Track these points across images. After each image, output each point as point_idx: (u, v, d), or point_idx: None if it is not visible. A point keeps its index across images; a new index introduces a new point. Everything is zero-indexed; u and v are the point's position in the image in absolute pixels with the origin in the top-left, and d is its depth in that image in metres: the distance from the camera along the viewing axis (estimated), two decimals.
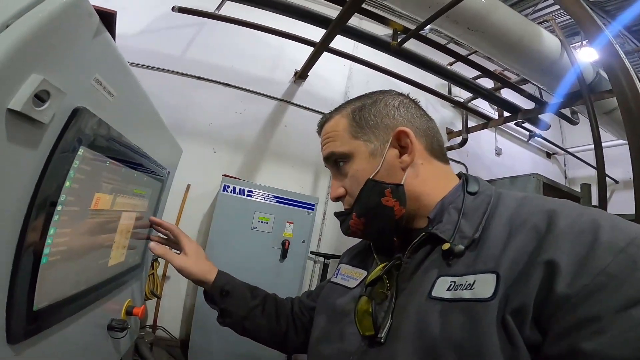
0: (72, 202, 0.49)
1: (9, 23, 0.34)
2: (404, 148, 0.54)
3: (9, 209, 0.38)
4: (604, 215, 0.38)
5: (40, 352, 0.48)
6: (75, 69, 0.43)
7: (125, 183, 0.68)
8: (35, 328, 0.46)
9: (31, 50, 0.36)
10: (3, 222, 0.38)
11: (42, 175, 0.42)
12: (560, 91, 2.57)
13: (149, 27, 2.94)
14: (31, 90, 0.36)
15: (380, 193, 0.52)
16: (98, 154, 0.53)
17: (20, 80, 0.36)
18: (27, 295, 0.42)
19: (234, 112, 3.04)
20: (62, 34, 0.39)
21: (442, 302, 0.41)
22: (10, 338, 0.41)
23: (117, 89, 0.53)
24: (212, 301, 0.75)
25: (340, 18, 2.20)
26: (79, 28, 0.42)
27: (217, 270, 0.76)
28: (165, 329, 2.59)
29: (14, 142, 0.37)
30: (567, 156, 4.85)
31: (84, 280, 0.59)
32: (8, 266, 0.39)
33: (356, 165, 0.55)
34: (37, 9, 0.36)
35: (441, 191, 0.54)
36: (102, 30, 0.45)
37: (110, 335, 0.76)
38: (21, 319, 0.42)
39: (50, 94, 0.39)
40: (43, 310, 0.46)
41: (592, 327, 0.31)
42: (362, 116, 0.56)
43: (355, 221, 0.55)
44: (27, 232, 0.40)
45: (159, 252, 0.73)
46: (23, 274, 0.41)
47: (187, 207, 2.74)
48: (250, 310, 0.74)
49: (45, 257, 0.45)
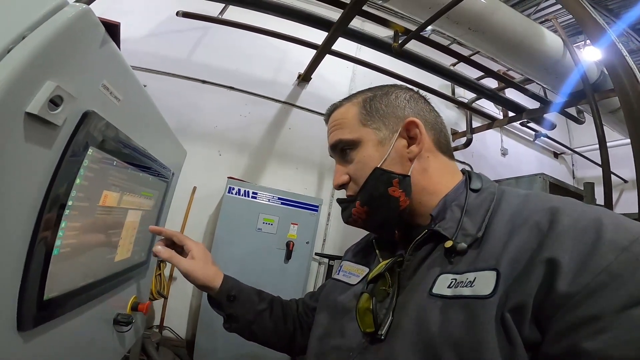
0: (82, 198, 0.53)
1: (24, 35, 0.38)
2: (412, 139, 0.54)
3: (25, 202, 0.42)
4: (607, 213, 0.38)
5: (47, 342, 0.51)
6: (84, 75, 0.47)
7: (131, 182, 0.72)
8: (45, 317, 0.49)
9: (45, 59, 0.39)
10: (20, 214, 0.41)
11: (56, 173, 0.46)
12: (564, 90, 2.56)
13: (155, 31, 3.01)
14: (47, 95, 0.40)
15: (388, 182, 0.52)
16: (106, 154, 0.57)
17: (37, 87, 0.40)
18: (39, 284, 0.46)
19: (239, 114, 3.08)
20: (72, 44, 0.43)
21: (442, 299, 0.41)
22: (20, 325, 0.44)
23: (123, 93, 0.57)
24: (218, 307, 0.73)
25: (342, 21, 2.22)
26: (87, 38, 0.46)
27: (222, 275, 0.73)
28: (172, 329, 2.63)
29: (30, 142, 0.41)
30: (575, 156, 4.79)
31: (91, 273, 0.63)
32: (22, 255, 0.43)
33: (363, 152, 0.55)
34: (49, 22, 0.40)
35: (445, 186, 0.54)
36: (107, 40, 0.49)
37: (116, 330, 0.80)
38: (32, 307, 0.45)
39: (63, 99, 0.43)
40: (53, 299, 0.50)
41: (593, 326, 0.31)
42: (372, 105, 0.57)
43: (358, 209, 0.55)
44: (40, 224, 0.44)
45: (165, 256, 0.68)
46: (36, 263, 0.44)
47: (193, 209, 2.78)
48: (258, 314, 0.73)
49: (57, 248, 0.48)
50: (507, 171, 3.92)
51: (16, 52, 0.37)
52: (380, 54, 2.68)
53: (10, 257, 0.41)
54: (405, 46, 2.47)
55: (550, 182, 2.79)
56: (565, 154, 4.92)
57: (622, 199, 4.05)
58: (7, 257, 0.41)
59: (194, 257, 0.71)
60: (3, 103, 0.35)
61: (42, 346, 0.50)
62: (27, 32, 0.39)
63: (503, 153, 4.38)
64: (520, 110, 3.20)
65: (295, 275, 2.58)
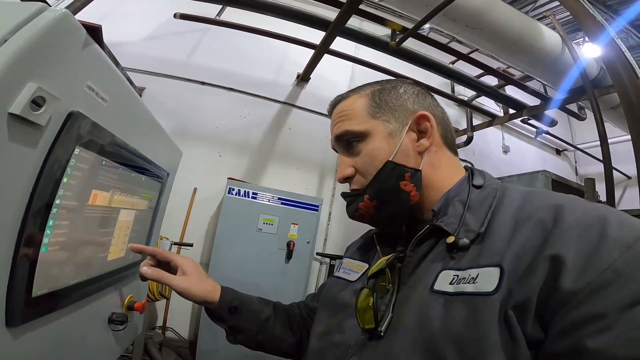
0: (69, 197, 0.54)
1: (6, 38, 0.39)
2: (422, 133, 0.54)
3: (11, 200, 0.43)
4: (611, 211, 0.37)
5: (38, 338, 0.52)
6: (67, 77, 0.48)
7: (122, 182, 0.73)
8: (34, 313, 0.50)
9: (26, 62, 0.41)
10: (6, 212, 0.43)
11: (41, 171, 0.47)
12: (564, 87, 2.55)
13: (154, 33, 3.05)
14: (28, 96, 0.41)
15: (400, 176, 0.51)
16: (94, 154, 0.58)
17: (19, 88, 0.41)
18: (27, 281, 0.47)
19: (239, 115, 3.10)
20: (53, 47, 0.44)
21: (444, 295, 0.41)
22: (9, 321, 0.45)
23: (110, 94, 0.58)
24: (220, 319, 0.70)
25: (339, 20, 2.23)
26: (68, 41, 0.47)
27: (220, 287, 0.70)
28: (174, 330, 2.65)
29: (14, 141, 0.42)
30: (577, 153, 4.76)
31: (83, 271, 0.64)
32: (10, 253, 0.44)
33: (372, 144, 0.53)
34: (29, 25, 0.41)
35: (449, 182, 0.53)
36: (90, 42, 0.50)
37: (111, 329, 0.81)
38: (20, 304, 0.46)
39: (45, 100, 0.44)
40: (42, 296, 0.51)
41: (597, 324, 0.30)
42: (382, 98, 0.56)
43: (367, 204, 0.53)
44: (27, 222, 0.45)
45: (154, 276, 0.62)
46: (23, 260, 0.45)
47: (194, 210, 2.81)
48: (263, 323, 0.71)
49: (45, 246, 0.49)
50: (509, 169, 3.91)
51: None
52: (379, 53, 2.68)
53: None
54: (403, 45, 2.47)
55: (552, 179, 2.78)
56: (567, 150, 4.89)
57: (625, 195, 4.02)
58: None
59: (186, 272, 0.66)
60: None
61: (32, 342, 0.51)
62: (9, 35, 0.40)
63: (505, 150, 4.36)
64: (521, 107, 3.19)
65: (296, 275, 2.59)
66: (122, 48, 2.73)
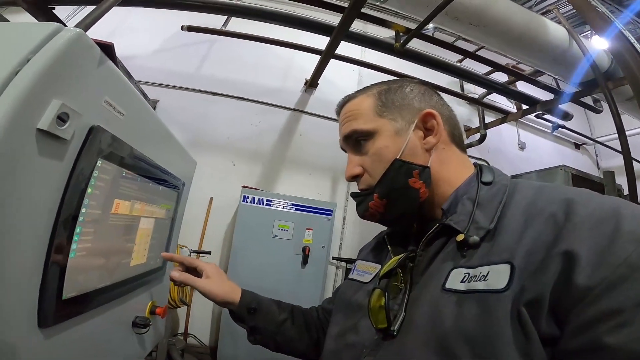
0: (94, 206, 0.57)
1: (29, 58, 0.43)
2: (428, 130, 0.55)
3: (43, 209, 0.47)
4: (625, 204, 0.37)
5: (67, 339, 0.55)
6: (86, 93, 0.51)
7: (141, 191, 0.77)
8: (64, 315, 0.53)
9: (49, 80, 0.44)
10: (38, 221, 0.46)
11: (68, 183, 0.50)
12: (575, 80, 2.49)
13: (163, 47, 3.16)
14: (54, 112, 0.45)
15: (408, 174, 0.51)
16: (114, 165, 0.62)
17: (45, 105, 0.44)
18: (58, 285, 0.50)
19: (250, 124, 3.17)
20: (71, 65, 0.48)
21: (456, 294, 0.41)
22: (41, 322, 0.48)
23: (126, 108, 0.62)
24: (241, 320, 0.75)
25: (342, 24, 2.26)
26: (84, 59, 0.50)
27: (240, 290, 0.76)
28: (196, 336, 2.70)
29: (44, 155, 0.45)
30: (597, 146, 4.61)
31: (108, 276, 0.68)
32: (42, 258, 0.47)
33: (379, 143, 0.54)
34: (48, 45, 0.44)
35: (458, 179, 0.54)
36: (104, 60, 0.54)
37: (135, 332, 0.84)
38: (51, 306, 0.49)
39: (69, 116, 0.47)
40: (71, 299, 0.54)
41: (614, 320, 0.30)
42: (388, 97, 0.57)
43: (376, 202, 0.54)
44: (57, 230, 0.48)
45: (182, 279, 0.72)
46: (54, 265, 0.49)
47: (211, 219, 2.87)
48: (280, 324, 0.74)
49: (73, 251, 0.53)
50: (527, 165, 3.81)
51: (23, 73, 0.42)
52: (386, 55, 2.70)
53: (31, 259, 0.46)
54: (409, 45, 2.48)
55: (572, 174, 2.70)
56: (586, 144, 4.74)
57: None
58: (28, 259, 0.46)
59: (209, 275, 0.74)
60: (17, 119, 0.40)
61: (62, 343, 0.54)
62: (31, 55, 0.44)
63: (521, 147, 4.27)
64: (534, 102, 3.13)
65: (312, 279, 2.61)
66: (133, 61, 2.85)
